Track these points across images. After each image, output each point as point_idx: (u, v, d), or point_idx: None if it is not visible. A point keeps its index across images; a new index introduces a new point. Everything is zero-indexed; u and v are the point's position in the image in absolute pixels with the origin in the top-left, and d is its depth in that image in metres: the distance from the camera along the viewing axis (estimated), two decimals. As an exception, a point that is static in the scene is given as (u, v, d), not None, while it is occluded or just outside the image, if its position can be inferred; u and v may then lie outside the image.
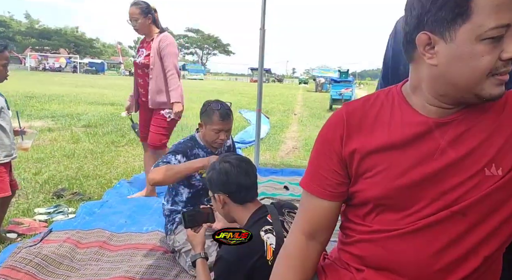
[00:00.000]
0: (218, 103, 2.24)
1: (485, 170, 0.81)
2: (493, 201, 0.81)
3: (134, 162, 4.65)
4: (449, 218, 0.83)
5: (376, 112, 0.93)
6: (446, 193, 0.83)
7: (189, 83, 34.15)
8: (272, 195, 3.56)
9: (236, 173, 1.60)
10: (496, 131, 0.82)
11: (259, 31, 4.05)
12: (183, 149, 2.17)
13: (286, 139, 6.91)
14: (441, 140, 0.84)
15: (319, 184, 0.96)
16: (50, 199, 3.20)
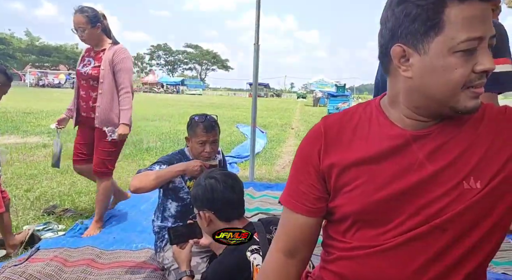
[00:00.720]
0: (202, 116, 2.25)
1: (464, 183, 0.79)
2: (473, 215, 0.79)
3: (128, 177, 4.60)
4: (429, 233, 0.81)
5: (354, 125, 0.91)
6: (425, 207, 0.81)
7: (187, 98, 34.33)
8: (267, 210, 3.52)
9: (222, 189, 1.57)
10: (474, 144, 0.80)
11: (254, 46, 4.07)
12: (169, 160, 2.17)
13: (282, 153, 6.88)
14: (419, 153, 0.82)
15: (298, 199, 0.95)
16: (40, 216, 3.16)
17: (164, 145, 6.93)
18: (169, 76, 77.74)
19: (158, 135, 8.37)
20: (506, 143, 0.79)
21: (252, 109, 4.35)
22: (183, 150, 2.31)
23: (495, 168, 0.78)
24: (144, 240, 2.65)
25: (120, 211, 3.32)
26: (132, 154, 5.98)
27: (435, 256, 0.81)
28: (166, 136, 8.25)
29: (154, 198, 3.63)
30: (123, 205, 3.48)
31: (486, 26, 0.72)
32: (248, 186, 4.19)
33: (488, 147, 0.80)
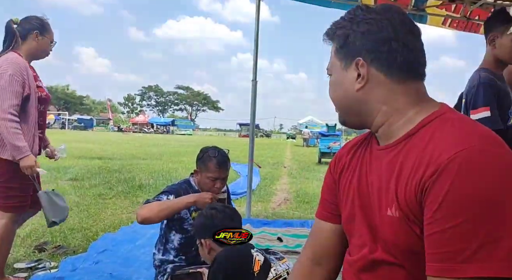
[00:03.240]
0: (215, 150, 2.19)
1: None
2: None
3: (122, 214, 4.50)
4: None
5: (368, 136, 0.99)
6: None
7: (178, 138, 34.38)
8: (266, 246, 3.43)
9: (221, 218, 1.69)
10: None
11: (251, 83, 4.16)
12: (176, 190, 2.11)
13: (277, 191, 6.84)
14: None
15: (322, 207, 1.04)
16: (31, 253, 3.02)
17: (157, 183, 6.84)
18: (160, 117, 78.23)
19: (150, 173, 8.27)
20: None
21: (250, 143, 4.37)
22: (188, 180, 2.26)
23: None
24: (141, 275, 2.55)
25: (115, 246, 3.20)
26: (125, 191, 5.87)
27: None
28: (159, 174, 8.16)
29: (150, 233, 3.54)
30: (118, 240, 3.36)
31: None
32: (245, 222, 4.10)
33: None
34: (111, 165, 9.27)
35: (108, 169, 8.42)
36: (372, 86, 0.85)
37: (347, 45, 0.86)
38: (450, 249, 0.68)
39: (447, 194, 0.68)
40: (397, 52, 0.82)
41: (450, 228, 0.68)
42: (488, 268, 0.65)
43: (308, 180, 8.49)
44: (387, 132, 0.87)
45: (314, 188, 7.29)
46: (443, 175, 0.69)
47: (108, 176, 7.38)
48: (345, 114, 0.93)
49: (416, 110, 0.84)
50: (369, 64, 0.84)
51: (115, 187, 6.16)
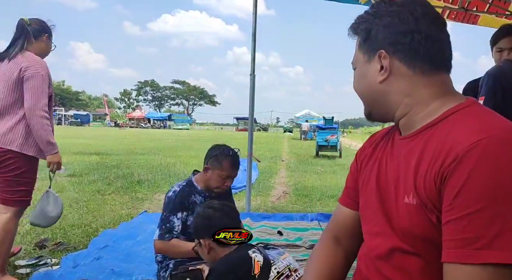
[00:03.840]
0: (229, 149, 2.23)
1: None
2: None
3: (122, 210, 4.49)
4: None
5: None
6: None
7: (175, 133, 34.31)
8: (266, 240, 3.44)
9: (219, 217, 1.68)
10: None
11: (250, 77, 4.14)
12: (180, 202, 2.11)
13: (275, 185, 6.85)
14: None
15: (346, 194, 1.09)
16: (32, 250, 3.02)
17: (155, 178, 6.83)
18: (156, 112, 77.99)
19: (149, 168, 8.26)
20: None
21: (249, 137, 4.36)
22: (191, 181, 2.26)
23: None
24: (143, 271, 2.54)
25: (115, 242, 3.20)
26: (124, 187, 5.86)
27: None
28: (157, 169, 8.15)
29: (150, 229, 3.53)
30: (118, 236, 3.36)
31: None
32: (245, 216, 4.11)
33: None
34: (109, 161, 9.25)
35: (106, 165, 8.41)
36: (395, 78, 0.86)
37: (370, 39, 0.88)
38: (467, 236, 0.68)
39: (467, 181, 0.69)
40: (419, 44, 0.83)
41: (468, 215, 0.68)
42: (506, 255, 0.65)
43: (306, 173, 8.51)
44: (408, 123, 0.87)
45: (313, 181, 7.31)
46: (463, 163, 0.70)
47: (107, 171, 7.37)
48: (370, 106, 0.94)
49: (440, 102, 0.84)
50: (392, 56, 0.85)
51: (114, 182, 6.15)
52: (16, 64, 2.37)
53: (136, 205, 4.82)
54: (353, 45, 0.98)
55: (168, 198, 2.18)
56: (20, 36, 2.46)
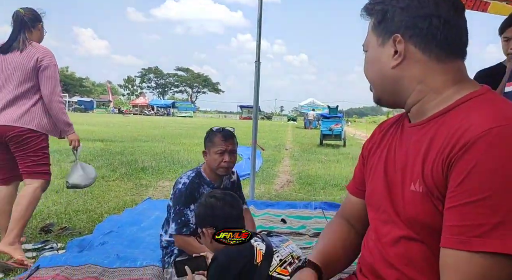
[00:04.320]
0: (220, 127, 2.22)
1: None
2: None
3: (126, 196, 4.52)
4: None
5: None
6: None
7: (179, 120, 34.32)
8: (270, 228, 3.45)
9: (222, 206, 1.69)
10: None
11: (255, 64, 4.10)
12: (191, 195, 2.11)
13: (279, 173, 6.85)
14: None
15: (354, 182, 1.10)
16: (37, 235, 3.04)
17: (159, 165, 6.85)
18: (160, 99, 77.91)
19: (153, 155, 8.28)
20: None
21: (253, 126, 4.35)
22: (199, 172, 2.24)
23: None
24: (148, 257, 2.55)
25: (120, 228, 3.22)
26: (128, 173, 5.88)
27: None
28: (161, 156, 8.16)
29: (154, 216, 3.56)
30: (123, 222, 3.38)
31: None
32: (249, 204, 4.09)
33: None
34: (113, 147, 9.27)
35: (110, 151, 8.43)
36: (409, 63, 0.83)
37: (385, 21, 0.84)
38: (468, 223, 0.68)
39: (473, 169, 0.68)
40: (437, 29, 0.80)
41: (472, 202, 0.67)
42: (505, 245, 0.65)
43: (310, 162, 8.50)
44: (420, 110, 0.85)
45: (316, 170, 7.31)
46: (471, 150, 0.69)
47: (111, 158, 7.39)
48: (380, 92, 0.92)
49: (454, 90, 0.81)
50: (407, 40, 0.82)
51: (118, 169, 6.17)
52: (30, 55, 2.59)
53: (140, 191, 4.84)
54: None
55: (179, 190, 2.17)
56: (21, 28, 2.64)
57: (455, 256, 0.70)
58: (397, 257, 0.85)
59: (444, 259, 0.73)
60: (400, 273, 0.84)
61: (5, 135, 2.57)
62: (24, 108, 2.59)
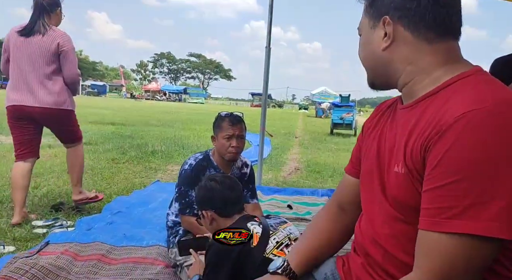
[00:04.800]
0: (227, 112, 2.24)
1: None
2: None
3: (135, 178, 4.59)
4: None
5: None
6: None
7: (190, 106, 34.43)
8: (276, 213, 3.47)
9: (221, 189, 1.70)
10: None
11: (265, 49, 4.08)
12: (196, 176, 2.10)
13: (288, 160, 6.86)
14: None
15: (351, 163, 1.10)
16: (48, 213, 3.12)
17: (169, 149, 6.91)
18: (172, 84, 78.09)
19: (163, 139, 8.35)
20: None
21: (262, 112, 4.34)
22: (208, 155, 2.25)
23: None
24: (154, 237, 2.61)
25: (128, 208, 3.28)
26: (138, 157, 5.95)
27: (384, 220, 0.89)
28: (171, 140, 8.23)
29: (162, 198, 3.62)
30: (131, 202, 3.45)
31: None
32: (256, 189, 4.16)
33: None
34: (124, 131, 9.37)
35: (121, 135, 8.53)
36: (398, 45, 0.83)
37: (375, 3, 0.85)
38: (441, 205, 0.69)
39: (447, 152, 0.69)
40: (426, 9, 0.79)
41: (445, 185, 0.69)
42: (474, 226, 0.66)
43: (319, 151, 8.48)
44: (411, 91, 0.85)
45: (326, 158, 7.29)
46: (447, 134, 0.70)
47: (121, 141, 7.48)
48: (373, 74, 0.92)
49: (443, 70, 0.81)
50: (396, 22, 0.82)
51: (128, 152, 6.24)
52: (51, 39, 2.79)
53: (149, 174, 4.90)
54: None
55: (185, 171, 2.19)
56: (40, 13, 2.82)
57: (428, 237, 0.72)
58: (385, 237, 0.87)
59: (419, 240, 0.75)
60: (386, 252, 0.86)
61: (43, 116, 2.87)
62: (55, 91, 2.85)
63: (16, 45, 2.79)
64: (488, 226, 0.66)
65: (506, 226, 0.66)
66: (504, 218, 0.66)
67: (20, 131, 2.89)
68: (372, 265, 0.90)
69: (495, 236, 0.66)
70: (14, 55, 2.80)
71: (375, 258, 0.89)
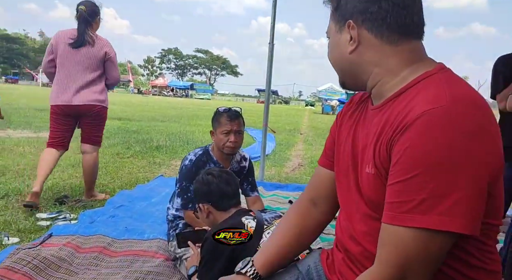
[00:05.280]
0: (226, 107, 2.25)
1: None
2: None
3: (139, 173, 4.63)
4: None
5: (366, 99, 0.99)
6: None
7: (196, 102, 34.53)
8: (277, 209, 3.49)
9: (218, 182, 1.74)
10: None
11: (268, 45, 4.08)
12: (197, 172, 2.07)
13: (291, 157, 6.87)
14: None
15: (323, 154, 1.11)
16: (52, 205, 3.17)
17: (173, 144, 6.96)
18: (179, 80, 78.26)
19: (168, 134, 8.40)
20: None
21: (265, 108, 4.36)
22: (208, 150, 2.28)
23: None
24: (155, 230, 2.64)
25: (131, 202, 3.33)
26: (143, 152, 6.00)
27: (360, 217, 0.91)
28: (176, 136, 8.28)
29: (165, 192, 3.65)
30: (134, 196, 3.49)
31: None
32: (258, 185, 4.17)
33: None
34: (130, 126, 9.44)
35: (126, 130, 8.59)
36: (364, 48, 0.85)
37: (340, 7, 0.87)
38: (399, 200, 0.73)
39: (406, 150, 0.72)
40: (387, 11, 0.81)
41: (402, 181, 0.72)
42: (426, 220, 0.69)
43: (323, 147, 8.45)
44: (379, 92, 0.87)
45: (329, 155, 7.28)
46: (407, 132, 0.72)
47: (127, 136, 7.54)
48: (343, 76, 0.95)
49: (409, 71, 0.83)
50: (360, 26, 0.84)
51: (133, 147, 6.30)
52: (98, 48, 3.22)
53: (153, 169, 4.95)
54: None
55: (185, 166, 2.21)
56: (85, 25, 3.20)
57: (388, 230, 0.75)
58: (362, 234, 0.89)
59: (380, 234, 0.78)
60: (363, 248, 0.89)
61: (90, 112, 3.27)
62: (97, 90, 3.27)
63: (64, 53, 3.17)
64: (441, 220, 0.69)
65: (459, 220, 0.69)
66: (457, 212, 0.68)
67: (60, 126, 3.29)
68: (352, 260, 0.93)
69: (447, 230, 0.69)
70: (62, 61, 3.19)
71: (354, 254, 0.91)
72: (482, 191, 0.71)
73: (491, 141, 0.72)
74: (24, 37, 71.31)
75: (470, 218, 0.69)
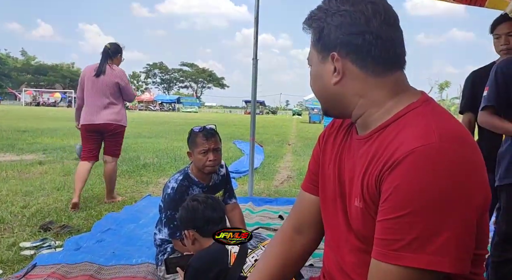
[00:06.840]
0: (200, 126, 2.26)
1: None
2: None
3: (126, 194, 4.56)
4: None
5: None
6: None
7: (184, 116, 34.42)
8: (267, 225, 3.47)
9: (203, 209, 1.73)
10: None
11: (252, 61, 4.10)
12: (180, 199, 2.08)
13: (280, 169, 6.86)
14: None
15: (307, 179, 1.08)
16: (37, 233, 3.09)
17: (161, 161, 6.89)
18: (165, 94, 78.06)
19: (155, 151, 8.33)
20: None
21: (251, 123, 4.36)
22: (187, 173, 2.26)
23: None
24: (143, 254, 2.59)
25: (118, 225, 3.26)
26: (130, 171, 5.93)
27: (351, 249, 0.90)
28: (163, 152, 8.21)
29: (152, 213, 3.59)
30: (121, 219, 3.42)
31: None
32: (247, 201, 4.15)
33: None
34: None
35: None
36: (348, 79, 0.85)
37: (322, 38, 0.85)
38: (389, 237, 0.72)
39: (396, 187, 0.71)
40: (371, 44, 0.81)
41: (393, 219, 0.72)
42: (417, 259, 0.69)
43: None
44: (364, 123, 0.87)
45: (318, 165, 7.29)
46: (397, 169, 0.72)
47: (113, 155, 7.43)
48: (326, 106, 0.94)
49: (393, 102, 0.83)
50: (344, 58, 0.83)
51: (119, 166, 6.15)
52: (113, 76, 3.93)
53: (140, 188, 4.88)
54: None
55: (168, 196, 2.19)
56: (105, 58, 3.97)
57: (378, 266, 0.75)
58: (351, 266, 0.88)
59: (370, 269, 0.77)
60: None
61: (108, 129, 3.95)
62: (116, 111, 3.98)
63: (89, 80, 3.90)
64: (431, 260, 0.69)
65: (448, 259, 0.69)
66: (446, 252, 0.68)
67: (90, 141, 3.99)
68: None
69: (437, 270, 0.69)
70: (88, 88, 3.91)
71: None
72: (471, 229, 0.71)
73: (479, 175, 0.72)
74: (5, 56, 70.41)
75: (460, 258, 0.70)
